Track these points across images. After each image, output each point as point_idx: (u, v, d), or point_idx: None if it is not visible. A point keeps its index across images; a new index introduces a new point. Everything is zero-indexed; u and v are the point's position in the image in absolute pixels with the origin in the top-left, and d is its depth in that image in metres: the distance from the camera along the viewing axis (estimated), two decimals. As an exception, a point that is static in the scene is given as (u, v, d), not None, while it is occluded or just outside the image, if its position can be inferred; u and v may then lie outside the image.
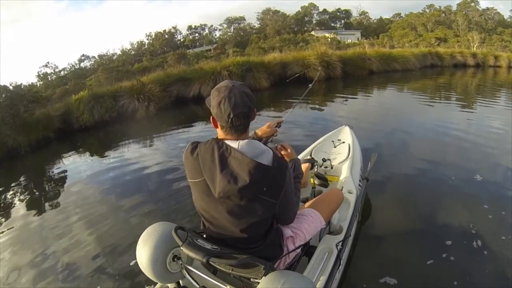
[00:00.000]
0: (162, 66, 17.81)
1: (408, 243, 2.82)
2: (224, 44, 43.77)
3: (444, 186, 3.76)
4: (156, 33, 49.51)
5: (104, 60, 40.72)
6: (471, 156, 4.79)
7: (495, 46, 38.56)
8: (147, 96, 9.74)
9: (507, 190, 3.57)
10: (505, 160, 4.47)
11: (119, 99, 9.82)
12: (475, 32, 42.57)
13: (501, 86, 13.95)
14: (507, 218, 3.03)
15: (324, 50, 14.49)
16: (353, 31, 51.26)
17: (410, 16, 56.69)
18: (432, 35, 46.17)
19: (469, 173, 4.10)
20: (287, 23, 49.91)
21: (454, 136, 5.75)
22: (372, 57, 15.82)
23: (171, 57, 26.89)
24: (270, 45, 31.48)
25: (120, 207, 3.93)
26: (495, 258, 2.54)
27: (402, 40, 41.52)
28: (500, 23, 53.79)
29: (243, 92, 1.30)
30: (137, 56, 41.81)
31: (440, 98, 10.90)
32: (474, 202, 3.38)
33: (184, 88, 11.36)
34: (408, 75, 16.32)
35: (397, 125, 6.82)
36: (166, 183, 4.43)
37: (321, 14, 56.05)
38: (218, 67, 11.72)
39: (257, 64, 12.48)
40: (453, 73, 19.29)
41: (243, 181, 1.23)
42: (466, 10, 53.73)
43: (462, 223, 3.02)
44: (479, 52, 25.93)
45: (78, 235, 3.38)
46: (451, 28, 50.93)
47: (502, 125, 6.46)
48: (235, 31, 50.59)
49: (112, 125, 9.14)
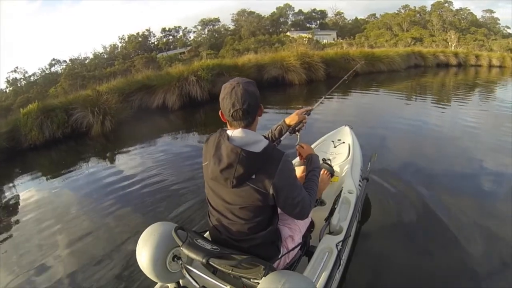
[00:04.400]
0: (129, 71, 16.28)
1: (408, 243, 2.90)
2: (198, 47, 43.56)
3: (444, 185, 3.93)
4: (130, 35, 49.11)
5: (76, 64, 40.01)
6: (471, 155, 5.09)
7: (472, 45, 41.20)
8: (102, 109, 8.61)
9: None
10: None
11: (72, 112, 8.73)
12: (453, 32, 44.49)
13: (486, 85, 15.06)
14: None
15: (305, 51, 14.10)
16: (329, 31, 52.62)
17: (385, 16, 59.32)
18: (408, 35, 48.66)
19: (469, 172, 4.37)
20: (262, 24, 51.03)
21: (453, 135, 6.21)
22: (356, 57, 15.66)
23: (138, 60, 25.15)
24: (244, 46, 31.46)
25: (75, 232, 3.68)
26: (499, 258, 2.64)
27: (378, 40, 43.53)
28: (473, 23, 57.52)
29: (245, 90, 1.42)
30: (109, 60, 41.71)
31: (433, 98, 11.40)
32: (476, 201, 3.56)
33: (148, 97, 10.34)
34: (395, 76, 16.66)
35: (395, 125, 7.09)
36: (121, 206, 4.16)
37: (296, 15, 57.77)
38: (185, 72, 10.82)
39: (229, 68, 11.74)
40: (437, 73, 20.31)
41: (223, 164, 1.40)
42: (440, 10, 56.98)
43: (463, 222, 3.15)
44: (460, 52, 27.59)
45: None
46: (426, 28, 54.19)
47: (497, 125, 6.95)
48: (209, 33, 50.70)
49: (66, 143, 8.26)
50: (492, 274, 2.50)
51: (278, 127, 2.20)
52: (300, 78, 12.97)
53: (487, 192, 3.83)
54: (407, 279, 2.45)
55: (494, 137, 6.03)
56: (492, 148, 5.41)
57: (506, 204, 3.46)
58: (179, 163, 5.58)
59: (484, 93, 12.76)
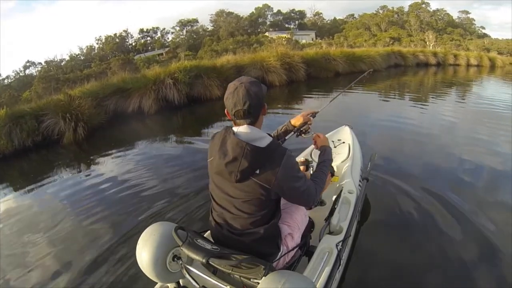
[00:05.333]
0: (105, 73, 15.81)
1: (408, 243, 2.93)
2: (176, 48, 43.44)
3: (445, 185, 3.97)
4: (107, 36, 48.71)
5: (52, 66, 39.24)
6: (471, 153, 5.16)
7: (449, 45, 42.82)
8: (74, 115, 8.12)
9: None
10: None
11: (43, 119, 8.20)
12: (431, 32, 45.31)
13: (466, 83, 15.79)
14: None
15: (285, 51, 14.02)
16: (308, 31, 53.81)
17: (363, 16, 61.00)
18: (386, 35, 50.03)
19: (470, 171, 4.45)
20: (240, 25, 51.51)
21: (449, 134, 6.39)
22: (337, 57, 15.87)
23: (114, 62, 24.52)
24: (223, 47, 31.09)
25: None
26: (498, 258, 2.68)
27: (357, 40, 44.74)
28: (449, 24, 59.95)
29: (247, 90, 1.48)
30: (86, 61, 41.46)
31: (417, 97, 11.74)
32: (477, 200, 3.60)
33: (123, 101, 9.86)
34: (376, 76, 16.69)
35: (388, 124, 7.25)
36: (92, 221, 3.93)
37: (275, 15, 58.94)
38: (162, 74, 10.44)
39: (207, 69, 11.40)
40: (417, 72, 20.90)
41: (229, 157, 1.46)
42: (417, 11, 59.01)
43: (463, 221, 3.18)
44: (439, 51, 28.60)
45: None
46: (404, 28, 56.23)
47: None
48: (187, 34, 50.80)
49: (37, 152, 7.76)
50: (492, 273, 2.54)
51: (284, 127, 2.30)
52: (280, 79, 12.94)
53: (490, 191, 3.87)
54: (407, 279, 2.49)
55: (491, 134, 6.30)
56: (492, 146, 5.62)
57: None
58: (156, 168, 5.42)
59: (468, 92, 13.36)
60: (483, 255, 2.74)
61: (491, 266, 2.60)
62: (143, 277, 1.78)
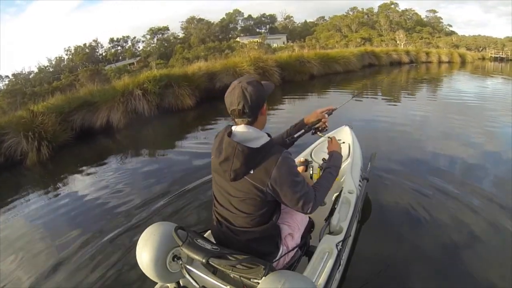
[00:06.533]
0: (74, 85, 15.83)
1: (408, 242, 2.95)
2: (147, 57, 43.03)
3: (445, 184, 3.99)
4: (76, 47, 47.67)
5: (20, 79, 38.56)
6: (471, 152, 5.20)
7: (419, 43, 44.43)
8: (37, 133, 7.57)
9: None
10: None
11: (3, 138, 7.61)
12: (402, 31, 46.71)
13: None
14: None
15: (258, 55, 14.05)
16: (279, 35, 54.54)
17: (334, 18, 62.53)
18: (357, 35, 51.59)
19: (470, 170, 4.45)
20: (211, 31, 51.85)
21: (448, 132, 6.38)
22: (312, 59, 16.01)
23: (82, 74, 23.76)
24: (194, 54, 30.79)
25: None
26: (499, 257, 2.70)
27: (328, 41, 45.62)
28: (418, 23, 62.02)
29: (243, 91, 1.51)
30: (55, 73, 40.56)
31: (391, 95, 11.97)
32: (478, 200, 3.59)
33: (90, 115, 9.26)
34: (352, 76, 17.17)
35: (381, 124, 7.27)
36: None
37: (246, 20, 59.79)
38: (131, 85, 10.04)
39: (178, 78, 11.03)
40: (391, 71, 21.56)
41: (222, 157, 1.52)
42: (387, 11, 61.03)
43: (463, 221, 3.21)
44: (411, 50, 29.74)
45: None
46: (374, 28, 58.30)
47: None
48: (158, 42, 50.47)
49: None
50: (493, 273, 2.55)
51: (297, 125, 2.24)
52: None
53: (494, 189, 3.87)
54: (408, 278, 2.52)
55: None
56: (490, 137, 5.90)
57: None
58: (129, 183, 5.18)
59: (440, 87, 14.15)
60: (486, 255, 2.75)
61: (493, 266, 2.61)
62: (143, 277, 1.79)
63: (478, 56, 41.64)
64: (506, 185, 3.90)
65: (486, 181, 4.11)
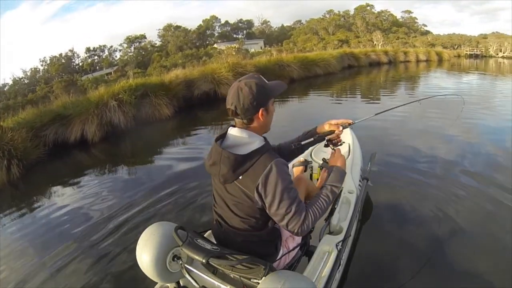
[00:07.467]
0: (48, 97, 15.31)
1: (408, 242, 2.96)
2: (125, 66, 42.46)
3: (445, 184, 4.01)
4: (51, 57, 46.87)
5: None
6: (471, 152, 5.21)
7: (396, 43, 45.50)
8: (6, 151, 7.06)
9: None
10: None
11: None
12: (379, 32, 47.82)
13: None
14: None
15: (236, 60, 13.91)
16: (256, 40, 55.12)
17: (311, 22, 63.88)
18: (334, 37, 52.49)
19: (470, 170, 4.43)
20: (189, 38, 52.07)
21: (446, 131, 6.34)
22: (291, 63, 16.05)
23: (57, 85, 23.18)
24: (172, 62, 30.56)
25: None
26: (498, 257, 2.71)
27: (306, 44, 46.26)
28: (393, 23, 63.74)
29: (238, 91, 1.48)
30: (30, 85, 39.53)
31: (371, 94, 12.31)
32: (478, 200, 3.60)
33: (63, 129, 8.81)
34: (332, 78, 17.33)
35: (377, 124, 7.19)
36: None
37: (223, 26, 60.27)
38: (105, 95, 9.69)
39: (155, 86, 10.76)
40: (370, 71, 21.95)
41: (211, 160, 1.55)
42: (363, 13, 62.50)
43: (463, 221, 3.21)
44: (389, 50, 30.48)
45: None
46: (351, 30, 59.39)
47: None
48: (136, 51, 50.17)
49: None
50: (494, 273, 2.55)
51: (309, 132, 2.09)
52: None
53: (496, 189, 3.88)
54: (408, 279, 2.52)
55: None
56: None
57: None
58: (108, 197, 5.01)
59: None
60: (486, 255, 2.75)
61: (494, 266, 2.60)
62: (143, 277, 1.80)
63: (454, 54, 43.12)
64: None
65: (486, 181, 4.06)
